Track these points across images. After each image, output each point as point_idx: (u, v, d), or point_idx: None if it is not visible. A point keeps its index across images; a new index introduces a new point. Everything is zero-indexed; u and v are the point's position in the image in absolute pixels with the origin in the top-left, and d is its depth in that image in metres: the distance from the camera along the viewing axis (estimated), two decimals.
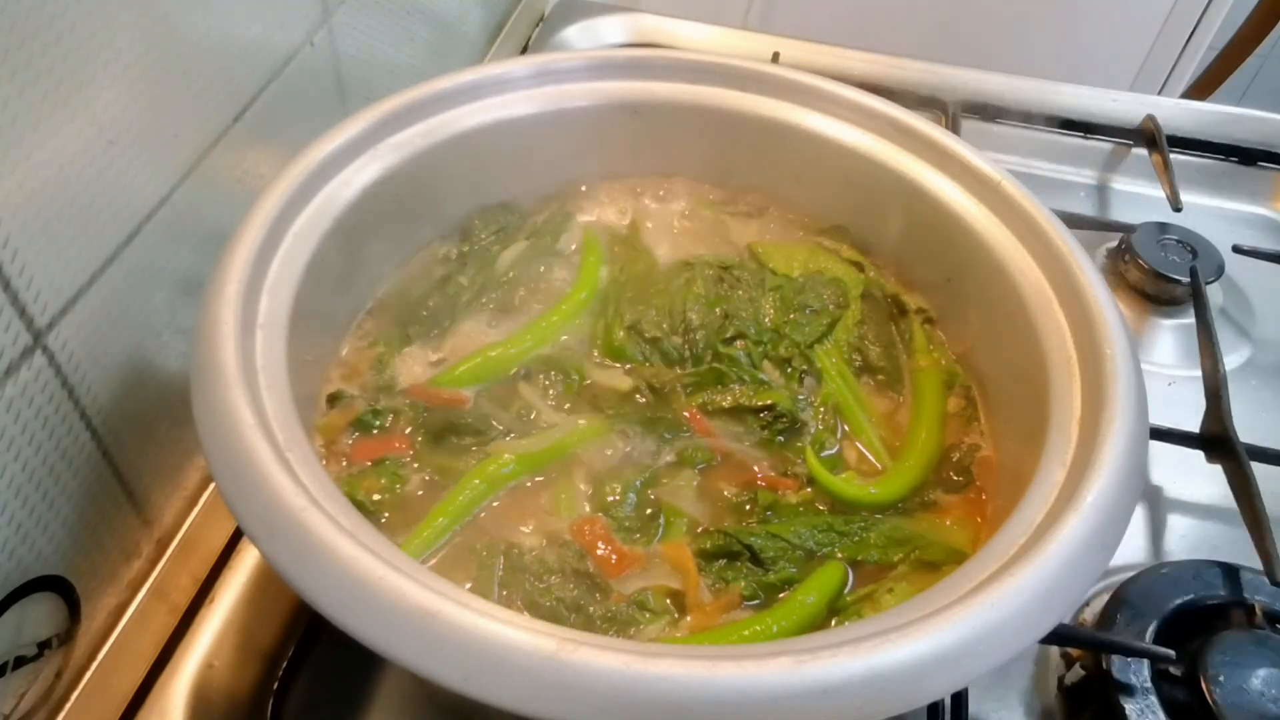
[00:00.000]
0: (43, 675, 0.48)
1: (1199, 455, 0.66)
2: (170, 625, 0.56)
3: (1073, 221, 0.62)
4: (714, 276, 0.64)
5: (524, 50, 1.05)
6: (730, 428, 0.57)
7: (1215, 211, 0.93)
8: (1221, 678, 0.52)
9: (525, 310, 0.62)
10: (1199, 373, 0.70)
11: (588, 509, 0.52)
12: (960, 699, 0.54)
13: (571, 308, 0.62)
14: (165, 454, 0.57)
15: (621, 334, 0.61)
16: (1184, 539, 0.66)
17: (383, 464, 0.53)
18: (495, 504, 0.52)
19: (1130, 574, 0.59)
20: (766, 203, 0.71)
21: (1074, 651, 0.57)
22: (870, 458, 0.57)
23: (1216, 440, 0.65)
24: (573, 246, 0.67)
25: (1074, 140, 0.97)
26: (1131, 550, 0.65)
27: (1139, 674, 0.54)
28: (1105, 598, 0.59)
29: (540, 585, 0.48)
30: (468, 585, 0.48)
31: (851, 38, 1.03)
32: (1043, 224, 0.55)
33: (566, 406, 0.57)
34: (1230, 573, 0.59)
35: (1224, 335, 0.74)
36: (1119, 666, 0.54)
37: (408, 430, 0.55)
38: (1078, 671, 0.56)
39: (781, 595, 0.49)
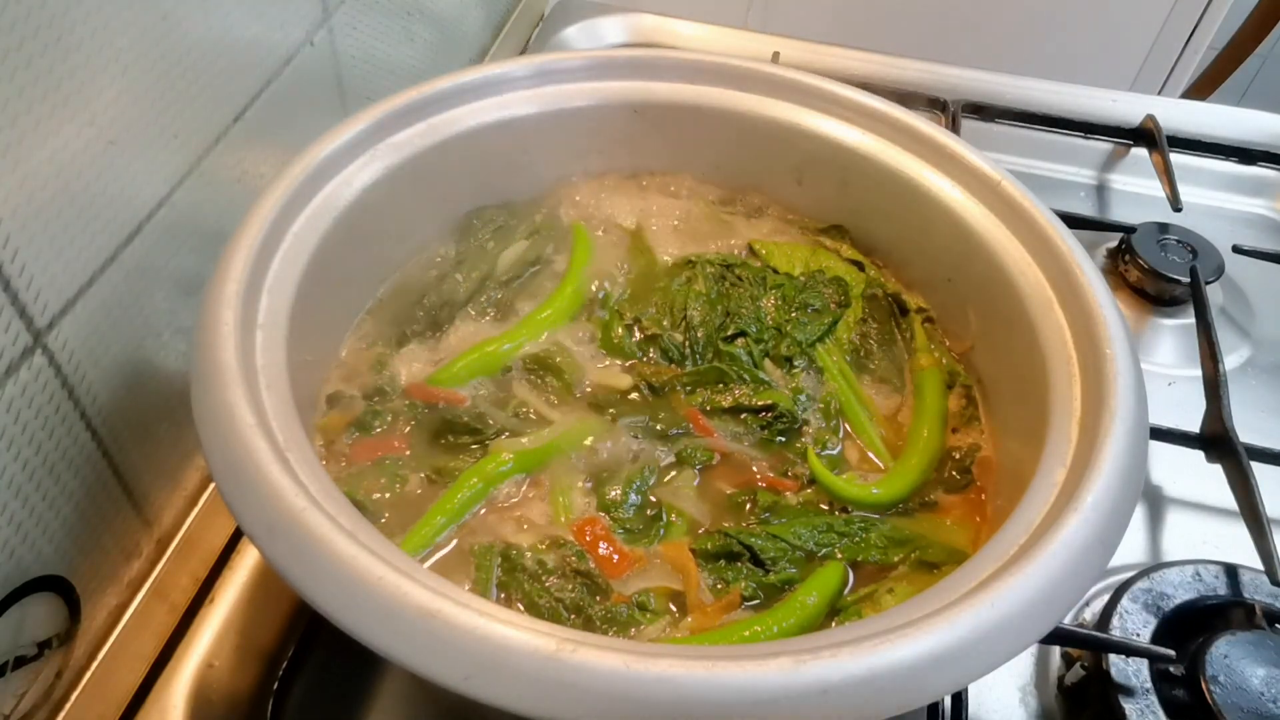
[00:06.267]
0: (43, 675, 0.48)
1: (1199, 455, 0.66)
2: (170, 625, 0.56)
3: (1073, 221, 0.62)
4: (715, 274, 0.64)
5: (524, 50, 1.06)
6: (730, 427, 0.57)
7: (1215, 211, 0.93)
8: (1221, 678, 0.52)
9: (524, 310, 0.62)
10: (1199, 373, 0.70)
11: (588, 508, 0.52)
12: (960, 699, 0.54)
13: (564, 302, 0.62)
14: (165, 454, 0.57)
15: (621, 330, 0.61)
16: (1184, 539, 0.66)
17: (382, 464, 0.53)
18: (494, 503, 0.52)
19: (1130, 574, 0.59)
20: (766, 203, 0.71)
21: (1074, 651, 0.57)
22: (872, 457, 0.57)
23: (1216, 440, 0.65)
24: (572, 246, 0.67)
25: (1074, 140, 0.97)
26: (1131, 550, 0.65)
27: (1139, 674, 0.54)
28: (1105, 598, 0.59)
29: (539, 585, 0.48)
30: (466, 585, 0.48)
31: (851, 38, 1.03)
32: (1043, 224, 0.55)
33: (564, 404, 0.57)
34: (1230, 573, 0.59)
35: (1224, 335, 0.74)
36: (1119, 666, 0.54)
37: (406, 430, 0.55)
38: (1078, 671, 0.56)
39: (782, 596, 0.49)
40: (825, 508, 0.53)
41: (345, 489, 0.49)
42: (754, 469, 0.55)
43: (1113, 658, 0.54)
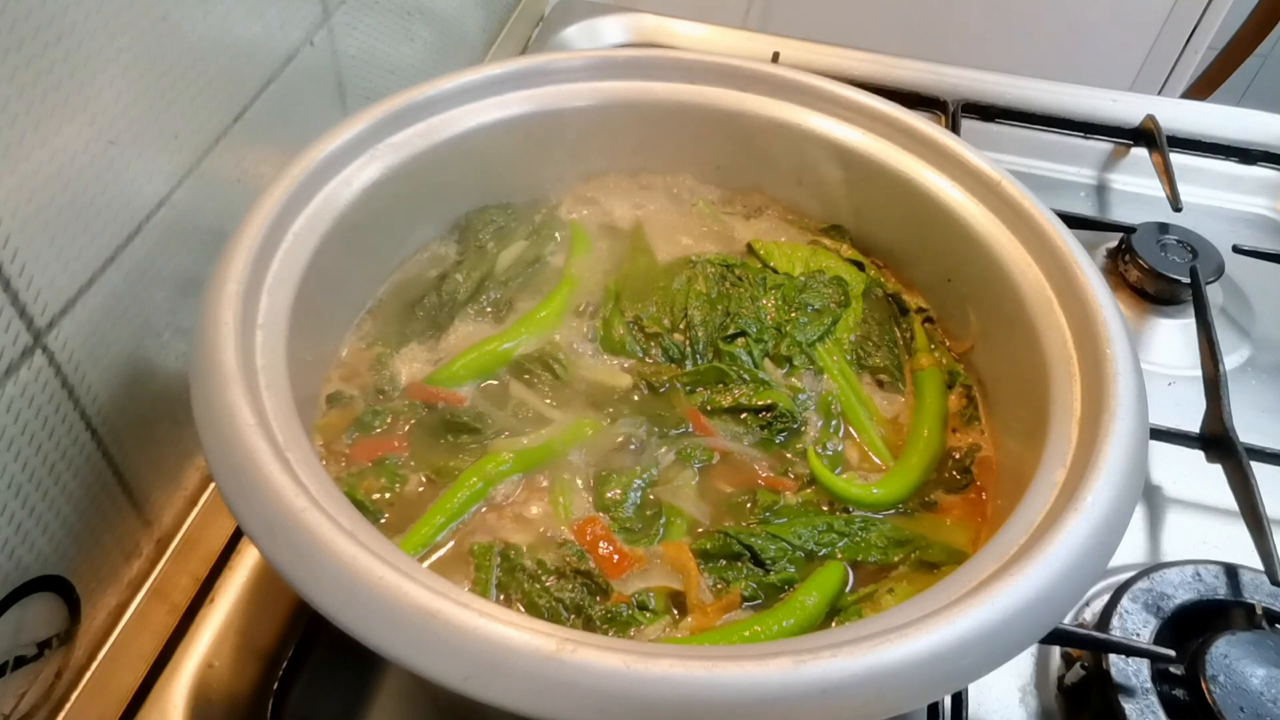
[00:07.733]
0: (43, 675, 0.48)
1: (1199, 455, 0.66)
2: (170, 625, 0.56)
3: (1073, 221, 0.62)
4: (715, 274, 0.64)
5: (524, 50, 1.06)
6: (730, 427, 0.57)
7: (1215, 211, 0.93)
8: (1221, 678, 0.52)
9: (524, 309, 0.62)
10: (1199, 373, 0.70)
11: (587, 508, 0.52)
12: (960, 699, 0.54)
13: (563, 301, 0.62)
14: (165, 454, 0.57)
15: (621, 330, 0.61)
16: (1184, 539, 0.66)
17: (382, 464, 0.53)
18: (493, 503, 0.52)
19: (1130, 574, 0.59)
20: (766, 203, 0.71)
21: (1074, 651, 0.57)
22: (873, 457, 0.57)
23: (1216, 440, 0.65)
24: (571, 246, 0.67)
25: (1074, 140, 0.97)
26: (1131, 550, 0.65)
27: (1139, 674, 0.54)
28: (1105, 598, 0.59)
29: (539, 585, 0.48)
30: (466, 585, 0.48)
31: (851, 38, 1.04)
32: (1043, 224, 0.55)
33: (564, 404, 0.57)
34: (1230, 573, 0.59)
35: (1224, 335, 0.74)
36: (1119, 666, 0.54)
37: (406, 430, 0.55)
38: (1078, 671, 0.56)
39: (782, 596, 0.49)
40: (825, 508, 0.53)
41: (345, 489, 0.49)
42: (754, 468, 0.55)
43: (1113, 658, 0.54)
